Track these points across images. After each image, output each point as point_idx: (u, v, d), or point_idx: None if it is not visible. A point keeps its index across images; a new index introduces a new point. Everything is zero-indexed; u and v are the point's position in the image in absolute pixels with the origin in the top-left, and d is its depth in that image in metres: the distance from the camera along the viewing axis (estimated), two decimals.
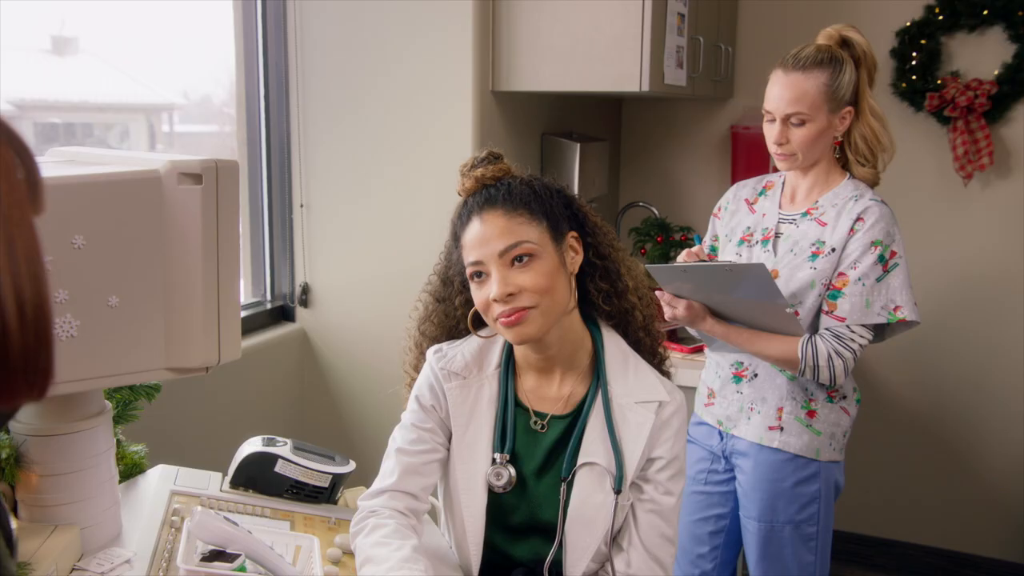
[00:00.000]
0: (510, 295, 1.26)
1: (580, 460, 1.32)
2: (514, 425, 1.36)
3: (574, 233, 1.36)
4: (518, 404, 1.38)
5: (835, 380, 1.79)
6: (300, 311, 2.61)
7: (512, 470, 1.33)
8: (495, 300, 1.26)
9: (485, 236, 1.28)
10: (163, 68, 2.32)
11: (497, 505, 1.34)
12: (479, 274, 1.29)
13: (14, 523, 0.75)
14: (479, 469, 1.34)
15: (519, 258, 1.27)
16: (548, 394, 1.38)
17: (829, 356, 1.77)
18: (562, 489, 1.32)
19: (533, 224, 1.29)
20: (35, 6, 1.88)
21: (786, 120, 1.82)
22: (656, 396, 1.35)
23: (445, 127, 2.39)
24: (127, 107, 2.33)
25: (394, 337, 2.51)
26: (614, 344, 1.39)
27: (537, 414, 1.37)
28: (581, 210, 1.38)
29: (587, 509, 1.31)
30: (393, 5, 2.38)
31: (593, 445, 1.32)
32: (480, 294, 1.29)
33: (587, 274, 1.38)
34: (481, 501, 1.33)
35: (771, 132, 1.86)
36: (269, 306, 2.59)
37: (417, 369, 1.48)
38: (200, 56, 2.43)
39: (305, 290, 2.59)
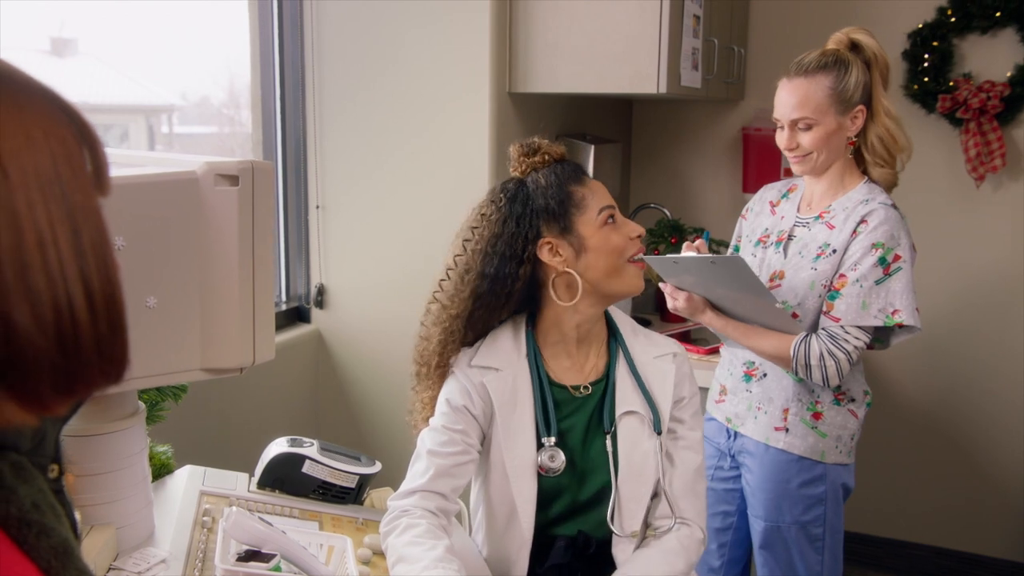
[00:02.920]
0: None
1: (619, 411, 1.40)
2: (555, 405, 1.40)
3: None
4: (554, 384, 1.43)
5: (828, 381, 1.79)
6: (316, 312, 2.61)
7: (563, 454, 1.37)
8: (639, 236, 1.41)
9: (605, 190, 1.43)
10: (162, 69, 2.32)
11: (545, 488, 1.37)
12: (613, 216, 1.41)
13: (77, 515, 0.75)
14: (528, 452, 1.37)
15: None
16: (583, 368, 1.45)
17: (821, 356, 1.77)
18: (608, 444, 1.38)
19: None
20: (34, 7, 1.88)
21: (793, 125, 1.84)
22: (669, 348, 1.49)
23: (462, 128, 2.40)
24: (126, 108, 2.34)
25: (410, 338, 2.52)
26: (617, 314, 1.52)
27: (575, 387, 1.43)
28: None
29: (635, 457, 1.39)
30: (410, 7, 2.39)
31: (627, 397, 1.41)
32: (619, 234, 1.40)
33: None
34: (532, 485, 1.36)
35: (781, 139, 1.88)
36: (284, 307, 2.59)
37: (439, 365, 1.45)
38: (198, 57, 2.43)
39: (321, 291, 2.60)
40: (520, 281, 1.41)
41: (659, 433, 1.40)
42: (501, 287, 1.40)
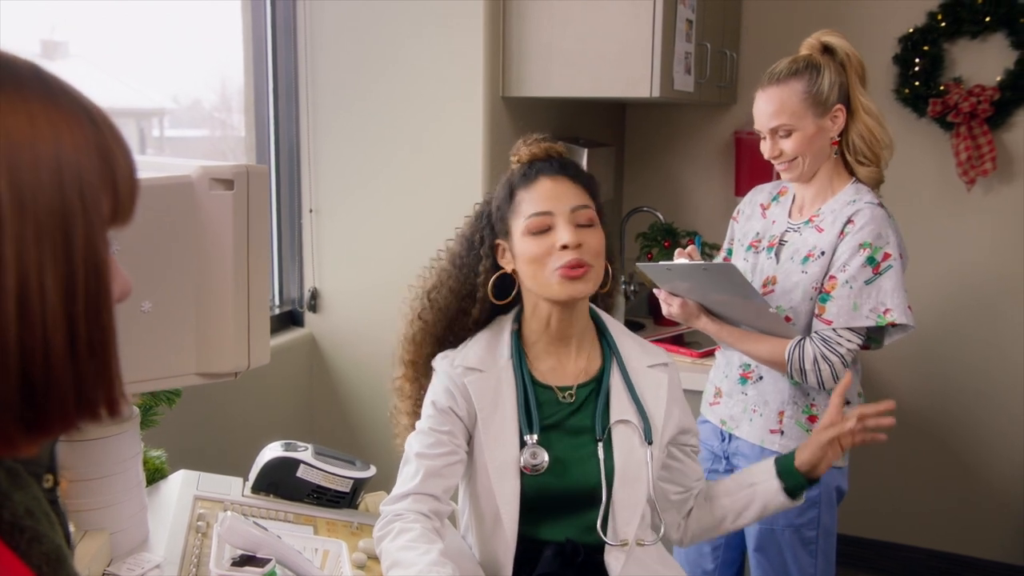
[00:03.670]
0: (579, 246, 1.34)
1: (613, 418, 1.39)
2: (538, 405, 1.39)
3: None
4: (538, 384, 1.42)
5: (823, 384, 1.80)
6: (309, 316, 2.61)
7: (545, 452, 1.36)
8: (565, 247, 1.34)
9: (558, 192, 1.37)
10: (153, 72, 2.32)
11: (529, 489, 1.36)
12: (546, 228, 1.36)
13: (72, 527, 0.75)
14: (510, 454, 1.36)
15: (586, 224, 1.37)
16: (567, 370, 1.44)
17: (815, 360, 1.78)
18: (600, 450, 1.37)
19: (594, 200, 1.42)
20: (25, 10, 1.87)
21: (774, 133, 1.85)
22: (661, 358, 1.49)
23: (455, 132, 2.40)
24: (117, 112, 2.32)
25: None
26: (608, 319, 1.51)
27: (561, 388, 1.42)
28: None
29: (630, 466, 1.38)
30: (404, 11, 2.39)
31: (621, 405, 1.41)
32: (541, 244, 1.36)
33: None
34: (514, 486, 1.35)
35: (765, 148, 1.89)
36: (278, 311, 2.58)
37: (415, 342, 1.50)
38: (190, 60, 2.42)
39: (314, 295, 2.59)
40: (481, 276, 1.45)
41: (650, 443, 1.40)
42: (465, 276, 1.46)
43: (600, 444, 1.38)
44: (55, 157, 0.53)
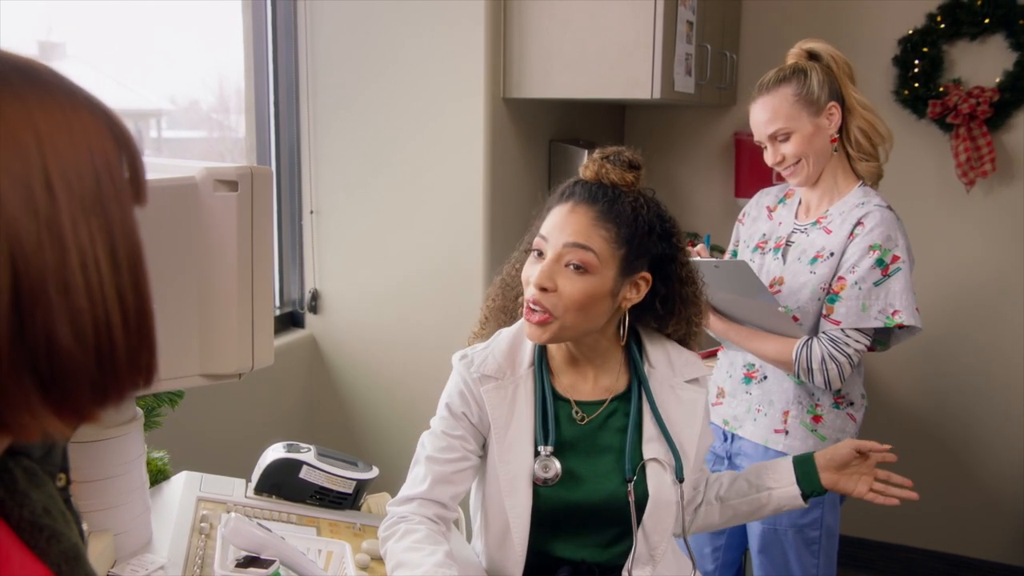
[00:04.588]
0: (544, 289, 1.28)
1: (645, 456, 1.34)
2: (556, 418, 1.36)
3: (646, 275, 1.35)
4: (558, 397, 1.38)
5: (830, 384, 1.80)
6: (310, 317, 2.61)
7: (558, 463, 1.32)
8: (532, 284, 1.30)
9: (565, 222, 1.30)
10: (151, 73, 2.32)
11: (542, 502, 1.33)
12: (539, 252, 1.32)
13: (85, 526, 0.75)
14: (523, 466, 1.33)
15: (577, 266, 1.28)
16: (585, 388, 1.40)
17: (823, 360, 1.78)
18: (630, 488, 1.32)
19: (611, 244, 1.30)
20: (22, 10, 1.87)
21: (773, 140, 1.87)
22: (699, 371, 1.41)
23: (456, 134, 2.40)
24: None
25: (404, 343, 2.53)
26: (651, 338, 1.43)
27: (579, 404, 1.38)
28: (677, 260, 1.38)
29: (661, 504, 1.33)
30: (405, 12, 2.39)
31: (648, 436, 1.35)
32: (528, 270, 1.32)
33: (648, 308, 1.40)
34: (526, 498, 1.32)
35: (767, 156, 1.91)
36: (278, 312, 2.58)
37: (493, 307, 1.50)
38: (188, 61, 2.42)
39: (315, 296, 2.59)
40: (511, 269, 1.46)
41: (681, 481, 1.34)
42: (520, 259, 1.44)
43: (631, 484, 1.32)
44: (86, 142, 0.57)
